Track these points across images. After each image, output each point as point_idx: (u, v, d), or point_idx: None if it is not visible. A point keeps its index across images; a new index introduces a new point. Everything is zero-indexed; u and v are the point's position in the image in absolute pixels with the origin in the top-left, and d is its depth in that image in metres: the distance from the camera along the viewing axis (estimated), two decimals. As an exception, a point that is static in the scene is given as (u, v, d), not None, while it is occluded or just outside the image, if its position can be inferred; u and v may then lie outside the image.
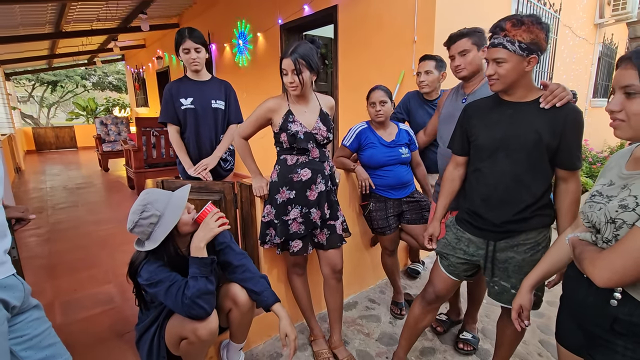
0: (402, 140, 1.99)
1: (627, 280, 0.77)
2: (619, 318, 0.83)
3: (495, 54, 1.19)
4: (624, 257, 0.76)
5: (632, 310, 0.81)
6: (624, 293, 0.82)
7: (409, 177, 2.04)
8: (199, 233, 1.35)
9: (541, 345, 1.94)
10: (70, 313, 2.22)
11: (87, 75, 18.64)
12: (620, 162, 0.91)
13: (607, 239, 0.85)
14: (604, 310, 0.86)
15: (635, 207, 0.78)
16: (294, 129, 1.57)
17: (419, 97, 2.28)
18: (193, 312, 1.27)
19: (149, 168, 4.90)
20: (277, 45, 4.70)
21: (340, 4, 3.68)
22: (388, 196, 2.03)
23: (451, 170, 1.50)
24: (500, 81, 1.22)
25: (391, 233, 2.08)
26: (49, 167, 8.05)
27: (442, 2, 2.83)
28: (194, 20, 6.80)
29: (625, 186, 0.84)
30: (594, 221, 0.88)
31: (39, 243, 3.42)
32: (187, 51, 2.01)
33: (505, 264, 1.33)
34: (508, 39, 1.16)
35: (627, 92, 0.78)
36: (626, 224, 0.79)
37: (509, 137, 1.24)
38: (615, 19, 5.50)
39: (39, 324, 0.98)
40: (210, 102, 2.11)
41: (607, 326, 0.86)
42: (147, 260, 1.32)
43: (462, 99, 1.67)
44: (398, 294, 2.29)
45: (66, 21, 6.08)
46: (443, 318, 2.10)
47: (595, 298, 0.88)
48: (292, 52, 1.50)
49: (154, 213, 1.28)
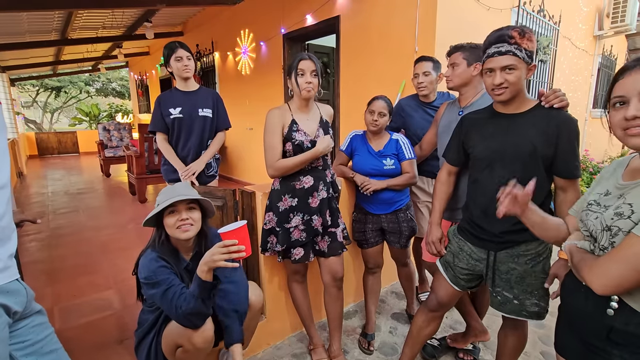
0: (388, 152, 1.90)
1: (624, 286, 0.78)
2: (616, 327, 0.83)
3: (505, 62, 1.18)
4: (620, 263, 0.77)
5: (629, 319, 0.81)
6: (620, 302, 0.83)
7: (390, 194, 1.89)
8: (206, 255, 1.24)
9: (542, 356, 1.93)
10: (70, 319, 2.21)
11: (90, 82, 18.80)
12: (617, 172, 0.93)
13: (603, 247, 0.86)
14: (601, 319, 0.86)
15: (631, 214, 0.79)
16: (299, 139, 1.59)
17: (414, 100, 2.21)
18: (184, 323, 1.28)
19: (150, 174, 4.92)
20: (279, 54, 4.76)
21: (343, 14, 3.74)
22: (368, 210, 1.97)
23: (444, 175, 1.56)
24: (509, 89, 1.21)
25: (369, 248, 2.01)
26: (51, 172, 8.08)
27: (442, 14, 2.87)
28: (198, 29, 6.88)
29: (621, 195, 0.85)
30: (591, 229, 0.89)
31: (40, 248, 3.42)
32: (180, 59, 2.13)
33: (507, 274, 1.33)
34: (516, 46, 1.17)
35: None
36: (622, 231, 0.80)
37: (505, 148, 1.26)
38: (614, 31, 5.54)
39: (41, 329, 0.98)
40: (197, 110, 2.21)
41: (604, 336, 0.86)
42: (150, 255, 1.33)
43: (458, 111, 1.73)
44: (368, 323, 2.08)
45: (72, 29, 6.16)
46: (470, 347, 1.94)
47: (593, 308, 0.88)
48: (309, 56, 1.56)
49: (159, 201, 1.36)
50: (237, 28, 5.62)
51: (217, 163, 2.40)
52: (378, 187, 1.86)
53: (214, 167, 2.36)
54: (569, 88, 5.16)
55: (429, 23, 2.90)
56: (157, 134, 2.24)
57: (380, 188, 1.86)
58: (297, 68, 1.56)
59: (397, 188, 1.90)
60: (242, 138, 5.81)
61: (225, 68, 6.23)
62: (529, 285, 1.30)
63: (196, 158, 2.23)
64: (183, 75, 2.17)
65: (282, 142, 1.61)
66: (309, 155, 1.58)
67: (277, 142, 1.60)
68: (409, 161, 1.90)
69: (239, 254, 1.21)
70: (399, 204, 1.94)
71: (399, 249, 2.00)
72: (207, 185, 2.29)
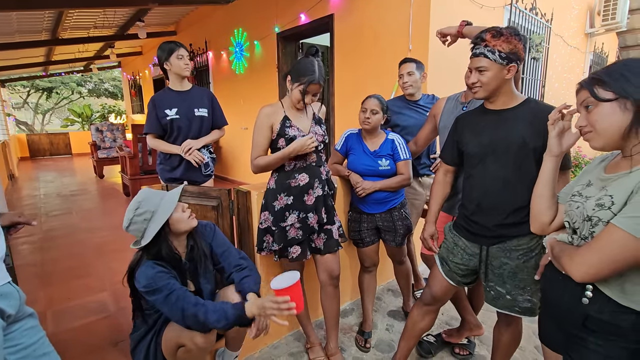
0: (383, 152, 1.90)
1: (603, 274, 0.81)
2: (590, 315, 0.88)
3: (477, 63, 1.26)
4: (600, 252, 0.81)
5: (602, 307, 0.86)
6: (595, 291, 0.87)
7: (384, 194, 1.90)
8: (260, 302, 1.25)
9: (537, 350, 1.95)
10: (64, 322, 2.19)
11: (82, 82, 18.61)
12: (601, 165, 0.98)
13: (584, 236, 0.90)
14: (577, 308, 0.90)
15: (611, 205, 0.82)
16: (291, 134, 1.60)
17: (400, 101, 2.32)
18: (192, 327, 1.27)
19: (144, 175, 4.89)
20: (273, 53, 4.74)
21: (336, 13, 3.73)
22: (362, 209, 1.97)
23: (442, 175, 1.57)
24: (482, 88, 1.28)
25: (365, 247, 2.01)
26: (43, 174, 7.99)
27: (436, 12, 2.88)
28: (191, 28, 6.84)
29: (603, 187, 0.89)
30: (573, 220, 0.93)
31: (32, 251, 3.38)
32: (182, 57, 2.15)
33: (500, 269, 1.35)
34: (489, 48, 1.22)
35: (586, 106, 0.90)
36: (602, 222, 0.84)
37: (495, 142, 1.30)
38: (605, 29, 5.61)
39: (33, 332, 0.97)
40: (193, 110, 2.21)
41: (580, 324, 0.90)
42: (145, 264, 1.31)
43: (462, 107, 1.74)
44: (365, 321, 2.10)
45: (63, 28, 6.09)
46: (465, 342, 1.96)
47: (569, 297, 0.93)
48: (319, 77, 1.56)
49: (148, 209, 1.30)
50: (230, 27, 5.59)
51: (213, 162, 2.40)
52: (371, 189, 1.86)
53: (211, 166, 2.36)
54: (562, 85, 5.22)
55: (423, 21, 2.91)
56: (148, 135, 2.23)
57: (373, 190, 1.87)
58: (306, 87, 1.56)
59: (390, 190, 1.90)
60: (237, 138, 5.79)
61: (219, 67, 6.20)
62: (521, 280, 1.31)
63: None
64: (183, 74, 2.18)
65: (269, 140, 1.64)
66: (285, 152, 1.58)
67: (262, 140, 1.63)
68: (404, 162, 1.89)
69: (290, 311, 1.21)
70: (393, 202, 1.94)
71: (395, 247, 2.01)
72: (204, 184, 2.29)
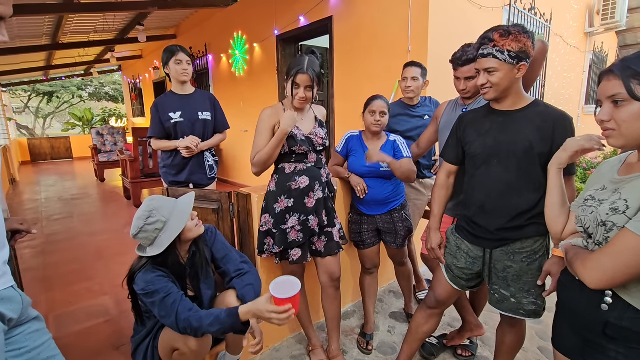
0: (385, 152, 1.86)
1: (618, 280, 0.78)
2: (610, 322, 0.84)
3: (486, 64, 1.22)
4: (614, 257, 0.78)
5: (622, 313, 0.82)
6: (614, 297, 0.83)
7: (385, 195, 1.89)
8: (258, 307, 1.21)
9: (540, 352, 1.94)
10: (65, 326, 2.19)
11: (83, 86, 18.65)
12: (614, 168, 0.94)
13: (598, 242, 0.86)
14: (596, 314, 0.87)
15: (626, 210, 0.80)
16: (293, 132, 1.60)
17: (399, 105, 2.31)
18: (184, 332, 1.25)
19: (145, 178, 4.90)
20: (273, 55, 4.75)
21: (336, 15, 3.74)
22: (363, 211, 1.96)
23: (443, 178, 1.52)
24: (493, 89, 1.25)
25: (365, 249, 2.00)
26: (44, 178, 8.01)
27: (435, 13, 2.89)
28: (191, 32, 6.86)
29: (616, 190, 0.86)
30: (586, 225, 0.90)
31: (34, 255, 3.38)
32: (180, 62, 2.15)
33: (504, 272, 1.33)
34: (497, 48, 1.19)
35: (615, 101, 0.83)
36: (616, 227, 0.81)
37: (500, 144, 1.27)
38: (604, 28, 5.61)
39: (38, 336, 0.96)
40: (197, 114, 2.22)
41: (600, 331, 0.86)
42: (146, 267, 1.31)
43: (462, 109, 1.72)
44: (367, 323, 2.08)
45: (63, 33, 6.11)
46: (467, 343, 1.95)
47: (587, 303, 0.89)
48: (307, 67, 1.53)
49: (160, 219, 1.27)
50: (230, 30, 5.61)
51: (216, 165, 2.42)
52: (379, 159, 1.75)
53: (215, 169, 2.38)
54: (561, 85, 5.21)
55: (422, 22, 2.91)
56: (151, 140, 2.25)
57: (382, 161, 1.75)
58: (294, 78, 1.55)
59: (396, 173, 1.79)
60: (237, 140, 5.80)
61: (219, 70, 6.21)
62: (526, 283, 1.30)
63: (197, 161, 2.24)
64: (181, 79, 2.19)
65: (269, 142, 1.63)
66: (279, 136, 1.54)
67: (264, 142, 1.61)
68: (407, 159, 1.85)
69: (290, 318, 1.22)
70: (393, 204, 1.94)
71: (396, 248, 2.00)
72: (207, 187, 2.30)
